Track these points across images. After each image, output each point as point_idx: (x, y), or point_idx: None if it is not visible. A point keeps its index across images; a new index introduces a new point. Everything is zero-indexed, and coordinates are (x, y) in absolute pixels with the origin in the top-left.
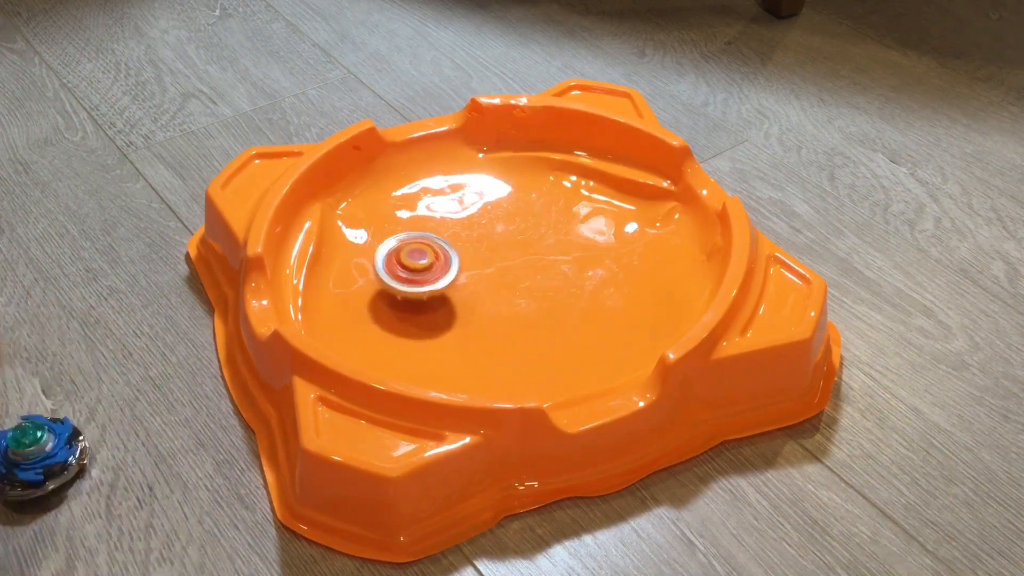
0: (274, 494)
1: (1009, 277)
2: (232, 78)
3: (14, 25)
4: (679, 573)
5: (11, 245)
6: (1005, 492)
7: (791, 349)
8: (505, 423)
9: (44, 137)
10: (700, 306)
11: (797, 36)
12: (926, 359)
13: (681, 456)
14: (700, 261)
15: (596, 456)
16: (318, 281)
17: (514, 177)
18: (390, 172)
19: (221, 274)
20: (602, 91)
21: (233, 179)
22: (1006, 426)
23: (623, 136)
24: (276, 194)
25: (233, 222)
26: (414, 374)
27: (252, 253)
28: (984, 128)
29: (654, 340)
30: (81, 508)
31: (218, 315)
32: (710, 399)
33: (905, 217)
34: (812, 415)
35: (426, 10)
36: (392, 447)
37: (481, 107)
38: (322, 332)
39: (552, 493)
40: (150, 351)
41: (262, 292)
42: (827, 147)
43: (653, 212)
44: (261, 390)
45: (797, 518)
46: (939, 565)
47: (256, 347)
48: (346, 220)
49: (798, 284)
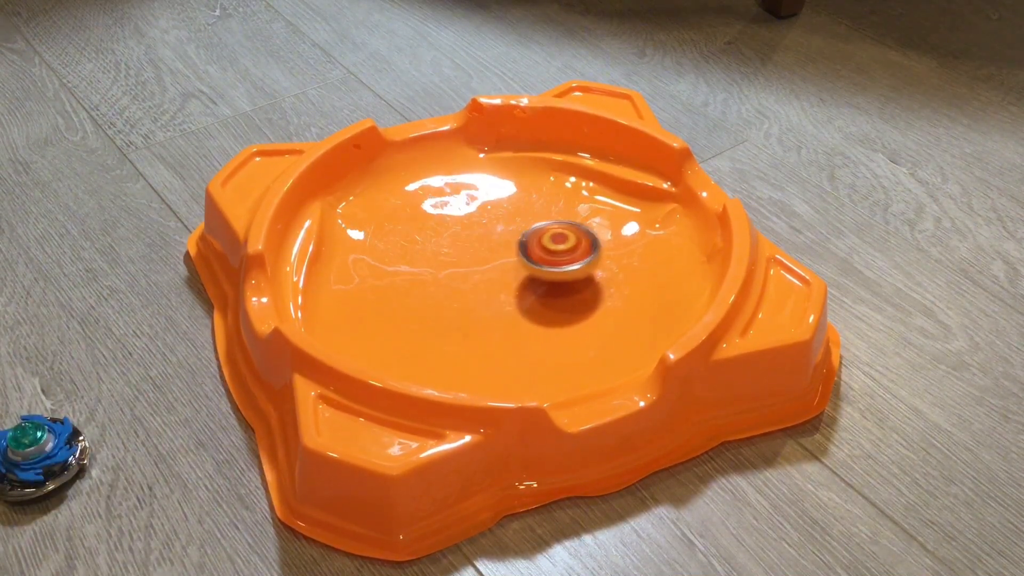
0: (274, 492)
1: (1009, 277)
2: (232, 78)
3: (14, 25)
4: (679, 573)
5: (11, 245)
6: (1005, 492)
7: (791, 350)
8: (505, 422)
9: (44, 137)
10: (700, 307)
11: (797, 36)
12: (926, 359)
13: (681, 456)
14: (700, 262)
15: (596, 456)
16: (318, 279)
17: (514, 177)
18: (390, 171)
19: (221, 272)
20: (603, 92)
21: (234, 176)
22: (1006, 426)
23: (624, 137)
24: (277, 192)
25: (233, 219)
26: (414, 372)
27: (253, 250)
28: (984, 128)
29: (655, 340)
30: (81, 508)
31: (218, 313)
32: (710, 399)
33: (905, 217)
34: (812, 416)
35: (426, 10)
36: (392, 445)
37: (482, 107)
38: (322, 330)
39: (552, 493)
40: (150, 351)
41: (262, 290)
42: (827, 147)
43: (653, 213)
44: (261, 388)
45: (797, 518)
46: (939, 565)
47: (256, 345)
48: (346, 219)
49: (798, 286)
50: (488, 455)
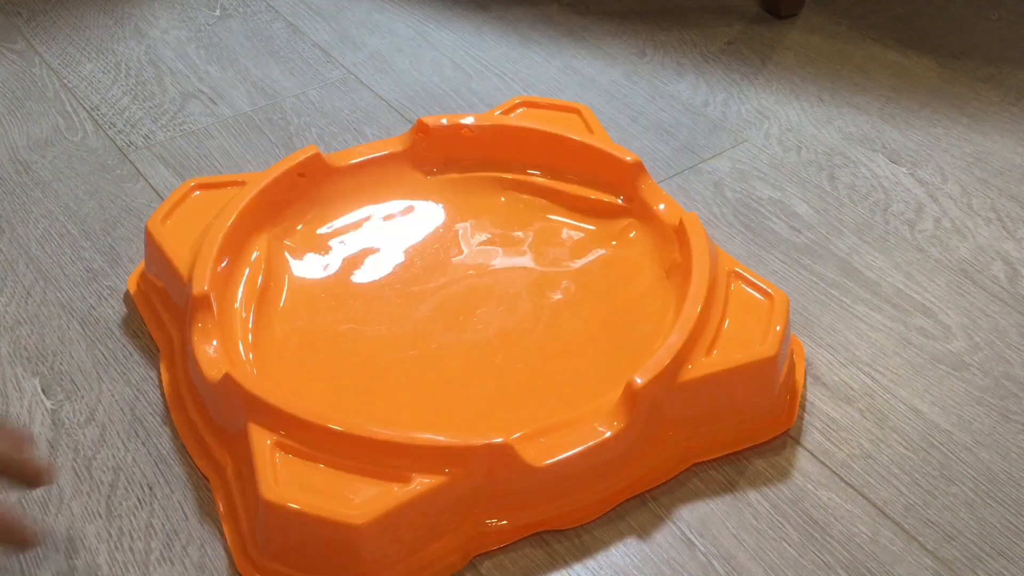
0: (233, 546)
1: (1009, 277)
2: (232, 78)
3: (14, 25)
4: (679, 573)
5: (11, 245)
6: (1005, 492)
7: (757, 367)
8: (471, 460)
9: (44, 137)
10: (662, 325)
11: (797, 36)
12: (926, 359)
13: (652, 482)
14: (659, 278)
15: (566, 488)
16: (268, 315)
17: (465, 199)
18: (337, 198)
19: (164, 312)
20: (550, 107)
21: (174, 212)
22: (1006, 426)
23: (574, 153)
24: (220, 227)
25: (176, 259)
26: (372, 410)
27: (198, 292)
28: (984, 128)
29: (618, 362)
30: (81, 508)
31: (163, 358)
32: (678, 421)
33: (905, 217)
34: (780, 432)
35: (426, 10)
36: (355, 492)
37: (427, 128)
38: (274, 370)
39: (523, 529)
40: (150, 351)
41: (210, 333)
42: (827, 147)
43: (609, 230)
44: (214, 436)
45: (797, 518)
46: (939, 565)
47: (207, 391)
48: (294, 250)
49: (760, 299)
50: (455, 495)
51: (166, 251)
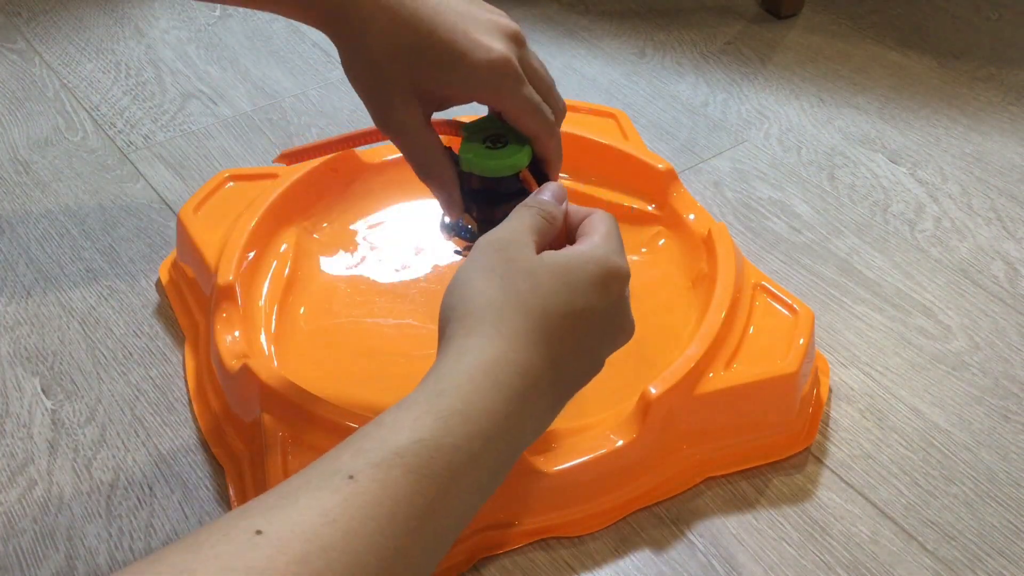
0: None
1: (1009, 277)
2: (232, 78)
3: (14, 25)
4: (679, 573)
5: (11, 245)
6: (1005, 492)
7: (777, 383)
8: None
9: (44, 137)
10: (684, 335)
11: (797, 36)
12: (926, 359)
13: (664, 494)
14: (685, 288)
15: (574, 495)
16: (292, 309)
17: None
18: (369, 195)
19: (193, 301)
20: (586, 111)
21: (206, 202)
22: (1006, 426)
23: (607, 159)
24: (250, 219)
25: (205, 247)
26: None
27: (223, 281)
28: (984, 128)
29: (636, 371)
30: (81, 508)
31: (188, 344)
32: (693, 434)
33: (905, 217)
34: (800, 450)
35: None
36: None
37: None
38: (295, 362)
39: (529, 534)
40: (150, 351)
41: (233, 323)
42: (827, 147)
43: (639, 237)
44: (232, 425)
45: (797, 518)
46: (939, 565)
47: (226, 381)
48: (323, 245)
49: (785, 315)
50: None
51: (196, 240)
